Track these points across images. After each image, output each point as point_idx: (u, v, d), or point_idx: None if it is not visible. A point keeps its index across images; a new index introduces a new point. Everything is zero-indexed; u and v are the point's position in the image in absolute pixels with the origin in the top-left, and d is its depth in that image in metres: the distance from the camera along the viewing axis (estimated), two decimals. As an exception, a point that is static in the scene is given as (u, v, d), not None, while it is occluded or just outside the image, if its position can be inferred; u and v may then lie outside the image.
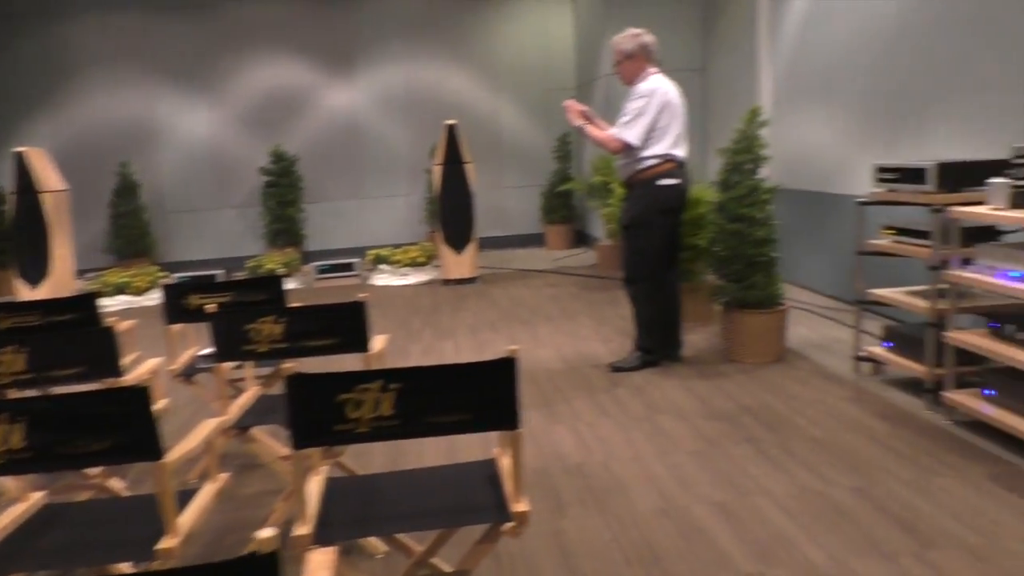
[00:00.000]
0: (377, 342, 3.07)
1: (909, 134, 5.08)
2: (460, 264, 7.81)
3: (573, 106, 4.50)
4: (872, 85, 5.48)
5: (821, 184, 6.23)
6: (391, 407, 1.96)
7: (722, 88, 8.08)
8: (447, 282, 7.82)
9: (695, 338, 5.18)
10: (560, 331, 5.69)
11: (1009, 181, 3.17)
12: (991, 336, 3.39)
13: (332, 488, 2.22)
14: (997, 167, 3.48)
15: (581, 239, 9.92)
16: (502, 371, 1.96)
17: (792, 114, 6.72)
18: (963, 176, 3.63)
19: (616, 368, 4.60)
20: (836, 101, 5.98)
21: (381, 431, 1.97)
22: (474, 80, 10.14)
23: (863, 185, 4.87)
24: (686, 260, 5.44)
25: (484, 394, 1.98)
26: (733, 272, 4.60)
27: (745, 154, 4.60)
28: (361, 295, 2.84)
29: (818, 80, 6.22)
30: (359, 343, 2.86)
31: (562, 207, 9.84)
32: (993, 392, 3.36)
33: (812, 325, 5.42)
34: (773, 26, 6.92)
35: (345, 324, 2.86)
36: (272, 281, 3.50)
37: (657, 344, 4.64)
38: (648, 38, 4.44)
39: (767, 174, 6.94)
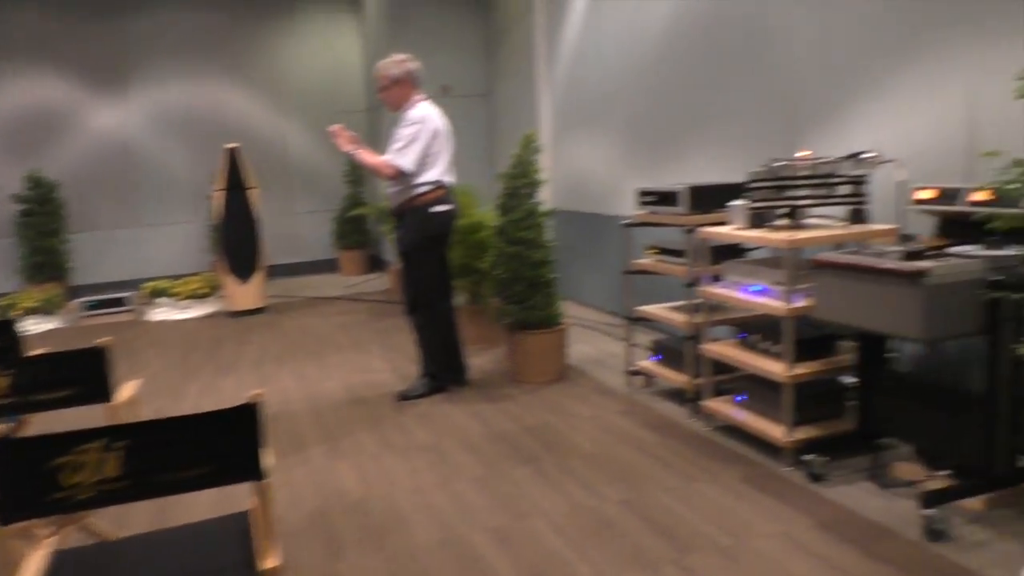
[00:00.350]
0: (125, 390, 2.81)
1: (671, 159, 5.45)
2: (246, 294, 7.44)
3: (341, 132, 4.39)
4: (637, 113, 5.83)
5: (597, 206, 6.55)
6: (118, 468, 1.79)
7: (506, 113, 8.30)
8: (233, 314, 7.42)
9: (482, 361, 5.24)
10: (349, 361, 5.55)
11: (746, 203, 3.45)
12: (740, 346, 3.68)
13: (59, 562, 1.98)
14: (738, 190, 3.79)
15: (375, 264, 9.80)
16: (243, 419, 1.84)
17: (569, 139, 7.02)
18: (710, 199, 3.93)
19: (403, 396, 4.55)
20: (607, 128, 6.31)
21: (108, 495, 1.79)
22: (259, 101, 9.76)
23: (632, 207, 5.15)
24: (472, 283, 5.52)
25: (224, 445, 1.85)
26: (514, 294, 4.70)
27: (522, 179, 4.72)
28: (103, 339, 2.59)
29: (590, 108, 6.55)
30: (101, 393, 2.61)
31: (355, 232, 9.68)
32: (743, 398, 3.64)
33: (592, 341, 5.65)
34: (550, 55, 7.21)
35: (85, 372, 2.60)
36: (2, 327, 3.13)
37: (443, 369, 4.64)
38: (414, 64, 4.43)
39: (546, 197, 7.24)
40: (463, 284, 5.60)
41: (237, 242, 7.36)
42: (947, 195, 3.02)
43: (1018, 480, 2.78)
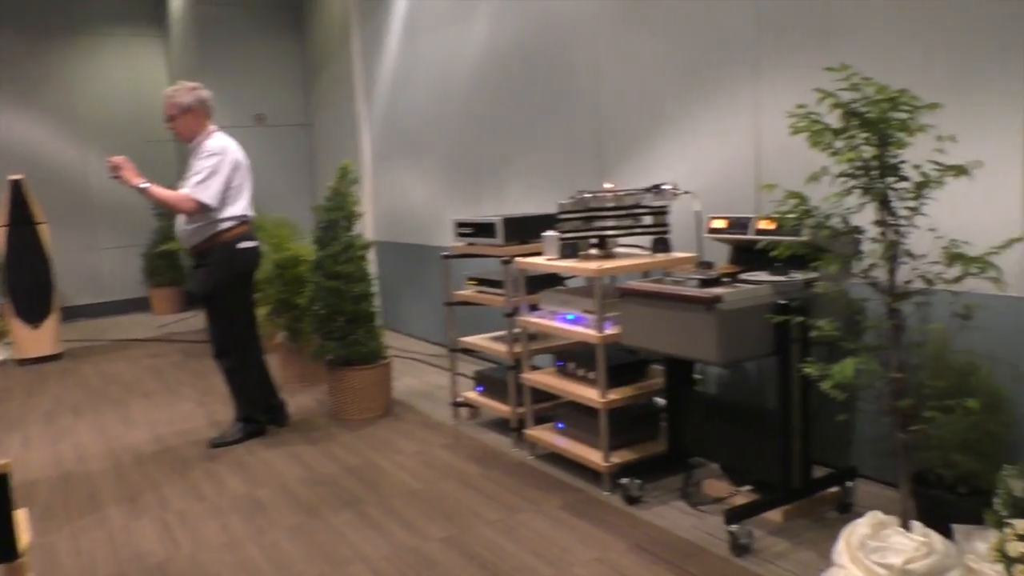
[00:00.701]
0: None
1: (490, 190, 5.52)
2: (38, 340, 6.77)
3: (124, 164, 4.00)
4: (455, 144, 5.87)
5: (419, 237, 6.52)
6: None
7: (327, 143, 8.13)
8: (23, 362, 6.73)
9: (303, 400, 5.04)
10: (158, 407, 5.16)
11: (557, 234, 3.53)
12: (558, 374, 3.74)
13: None
14: (551, 220, 3.87)
15: (191, 301, 9.24)
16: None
17: (390, 170, 6.96)
18: (525, 229, 4.00)
19: (216, 444, 4.27)
20: (426, 158, 6.31)
21: None
22: (53, 128, 8.96)
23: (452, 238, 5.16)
24: (290, 320, 5.31)
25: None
26: (334, 330, 4.55)
27: (338, 211, 4.60)
28: None
29: (410, 138, 6.53)
30: None
31: (167, 268, 9.07)
32: (563, 425, 3.70)
33: (419, 374, 5.58)
34: (368, 84, 7.14)
35: None
36: None
37: (260, 411, 4.40)
38: (205, 92, 4.17)
39: (367, 229, 7.15)
40: (281, 321, 5.38)
41: (25, 283, 6.69)
42: (737, 224, 3.23)
43: (813, 491, 2.98)
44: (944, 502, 2.65)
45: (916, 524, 2.38)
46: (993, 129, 2.72)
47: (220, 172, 4.00)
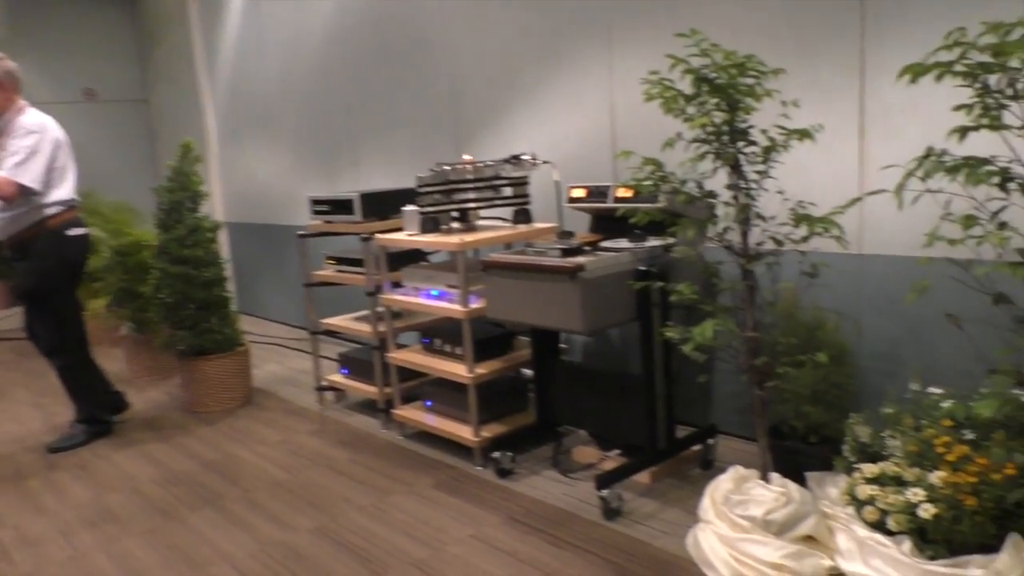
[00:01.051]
0: None
1: (345, 166, 5.33)
2: None
3: None
4: (306, 119, 5.63)
5: (274, 217, 6.24)
6: None
7: (169, 120, 7.62)
8: None
9: (154, 395, 4.74)
10: (-14, 413, 4.71)
11: (417, 208, 3.44)
12: (424, 351, 3.67)
13: None
14: (410, 195, 3.77)
15: (15, 298, 8.49)
16: None
17: (238, 147, 6.61)
18: (385, 205, 3.88)
19: (55, 448, 3.93)
20: (276, 134, 6.02)
21: None
22: None
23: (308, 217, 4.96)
24: (135, 310, 4.96)
25: None
26: (184, 318, 4.28)
27: (182, 192, 4.31)
28: None
29: (258, 114, 6.21)
30: None
31: (-7, 260, 8.29)
32: (431, 403, 3.64)
33: (280, 359, 5.37)
34: (210, 58, 6.72)
35: None
36: None
37: (104, 410, 4.09)
38: (11, 63, 3.72)
39: (216, 210, 6.78)
40: (125, 312, 5.02)
41: None
42: (596, 193, 3.25)
43: (677, 451, 3.06)
44: (797, 452, 2.79)
45: (775, 476, 2.48)
46: (832, 96, 2.85)
47: (41, 152, 3.62)
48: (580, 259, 2.75)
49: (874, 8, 2.68)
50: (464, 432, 3.37)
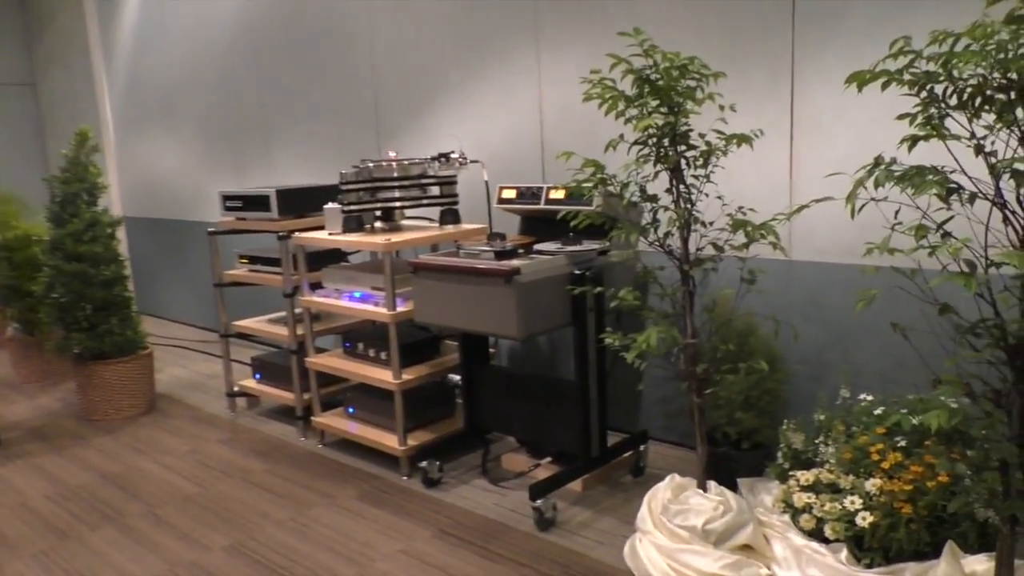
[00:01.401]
0: None
1: (257, 160, 5.08)
2: None
3: None
4: (214, 110, 5.34)
5: (179, 212, 5.91)
6: None
7: (60, 107, 7.13)
8: None
9: (45, 401, 4.40)
10: None
11: (339, 206, 3.28)
12: (346, 356, 3.51)
13: None
14: (331, 192, 3.61)
15: None
16: None
17: (139, 137, 6.24)
18: (303, 202, 3.70)
19: (-68, 463, 3.58)
20: (182, 125, 5.70)
21: None
22: None
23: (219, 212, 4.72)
24: (23, 309, 4.60)
25: None
26: (81, 319, 3.98)
27: (78, 183, 4.01)
28: None
29: (161, 103, 5.86)
30: None
31: None
32: (353, 409, 3.49)
33: (187, 363, 5.08)
34: (106, 42, 6.31)
35: None
36: None
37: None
38: None
39: (114, 204, 6.39)
40: (11, 312, 4.65)
41: None
42: (528, 194, 3.17)
43: (610, 457, 3.02)
44: (729, 458, 2.78)
45: (712, 484, 2.46)
46: (764, 102, 2.85)
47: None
48: (515, 262, 2.66)
49: (805, 13, 2.69)
50: (389, 440, 3.23)
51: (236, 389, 4.12)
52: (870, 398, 2.50)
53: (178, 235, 5.92)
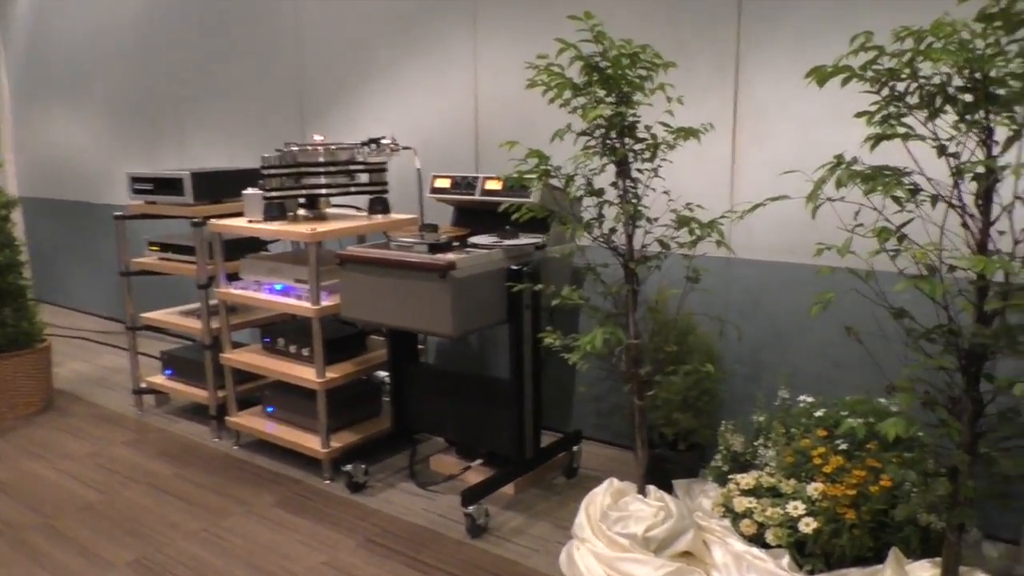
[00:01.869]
0: None
1: (170, 141, 4.78)
2: None
3: None
4: (125, 86, 5.00)
5: (83, 193, 5.53)
6: None
7: (-51, 76, 6.58)
8: None
9: (-71, 399, 4.01)
10: None
11: (260, 192, 3.07)
12: (265, 351, 3.30)
13: None
14: (252, 177, 3.38)
15: None
16: None
17: (38, 111, 5.80)
18: (220, 186, 3.47)
19: None
20: (87, 101, 5.32)
21: None
22: None
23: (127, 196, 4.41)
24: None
25: None
26: (-31, 310, 3.64)
27: (-33, 161, 3.66)
28: None
29: (63, 75, 5.46)
30: None
31: None
32: (273, 408, 3.29)
33: (89, 357, 4.75)
34: (2, 11, 5.84)
35: None
36: None
37: None
38: None
39: (8, 183, 5.94)
40: None
41: None
42: (462, 184, 3.02)
43: (543, 459, 2.91)
44: (665, 459, 2.72)
45: (651, 488, 2.38)
46: (708, 94, 2.78)
47: None
48: (450, 256, 2.52)
49: (750, 4, 2.63)
50: (311, 442, 3.05)
51: (143, 385, 3.84)
52: (810, 399, 2.47)
53: (83, 218, 5.54)
